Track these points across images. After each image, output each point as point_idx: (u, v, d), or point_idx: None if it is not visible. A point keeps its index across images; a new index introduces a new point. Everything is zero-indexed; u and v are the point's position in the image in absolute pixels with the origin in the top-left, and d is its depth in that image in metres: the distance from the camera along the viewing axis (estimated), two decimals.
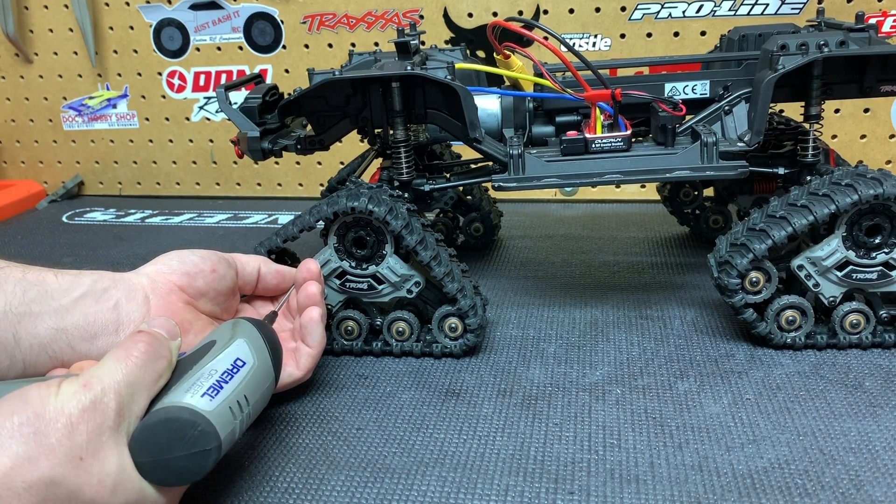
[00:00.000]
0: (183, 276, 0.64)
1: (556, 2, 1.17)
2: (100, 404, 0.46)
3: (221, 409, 0.50)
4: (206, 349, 0.54)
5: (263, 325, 0.59)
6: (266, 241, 0.76)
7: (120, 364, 0.48)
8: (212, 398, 0.50)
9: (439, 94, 0.73)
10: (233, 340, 0.55)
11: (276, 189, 1.38)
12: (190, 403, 0.49)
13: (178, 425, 0.48)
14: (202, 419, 0.48)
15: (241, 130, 0.75)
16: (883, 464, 0.55)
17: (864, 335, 0.70)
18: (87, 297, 0.60)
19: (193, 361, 0.53)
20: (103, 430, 0.45)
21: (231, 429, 0.50)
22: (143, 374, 0.49)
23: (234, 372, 0.52)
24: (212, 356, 0.53)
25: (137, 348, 0.50)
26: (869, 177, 0.67)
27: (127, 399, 0.47)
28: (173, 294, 0.63)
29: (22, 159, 1.47)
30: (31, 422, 0.43)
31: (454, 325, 0.73)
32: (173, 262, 0.65)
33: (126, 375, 0.48)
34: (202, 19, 1.30)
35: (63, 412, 0.44)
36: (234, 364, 0.53)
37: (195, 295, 0.65)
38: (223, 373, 0.52)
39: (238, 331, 0.56)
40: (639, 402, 0.65)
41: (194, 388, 0.50)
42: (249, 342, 0.55)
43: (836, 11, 1.08)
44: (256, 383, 0.54)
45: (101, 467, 0.45)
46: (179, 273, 0.64)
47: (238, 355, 0.54)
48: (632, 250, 1.00)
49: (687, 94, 0.80)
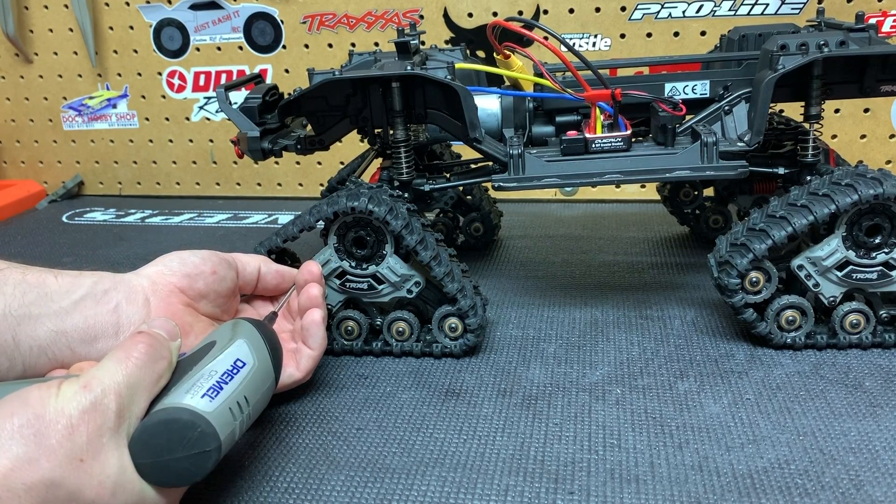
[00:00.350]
0: (183, 278, 0.64)
1: (556, 2, 1.17)
2: (100, 405, 0.46)
3: (221, 410, 0.50)
4: (206, 350, 0.54)
5: (263, 325, 0.59)
6: (266, 241, 0.76)
7: (120, 365, 0.48)
8: (212, 399, 0.50)
9: (439, 94, 0.73)
10: (233, 341, 0.55)
11: (276, 189, 1.38)
12: (190, 404, 0.49)
13: (179, 426, 0.47)
14: (202, 420, 0.48)
15: (241, 130, 0.75)
16: (883, 464, 0.55)
17: (864, 335, 0.70)
18: (87, 300, 0.59)
19: (193, 362, 0.53)
20: (103, 431, 0.45)
21: (231, 430, 0.50)
22: (144, 375, 0.49)
23: (234, 373, 0.52)
24: (212, 357, 0.53)
25: (137, 349, 0.49)
26: (869, 177, 0.67)
27: (127, 400, 0.47)
28: (174, 296, 0.63)
29: (22, 159, 1.47)
30: (31, 423, 0.43)
31: (454, 325, 0.73)
32: (174, 264, 0.65)
33: (126, 376, 0.48)
34: (202, 19, 1.30)
35: (63, 413, 0.44)
36: (234, 365, 0.53)
37: (195, 297, 0.65)
38: (223, 373, 0.52)
39: (238, 331, 0.56)
40: (639, 402, 0.65)
41: (194, 389, 0.50)
42: (249, 343, 0.55)
43: (836, 11, 1.08)
44: (256, 384, 0.54)
45: (102, 469, 0.45)
46: (180, 275, 0.64)
47: (238, 356, 0.54)
48: (632, 250, 1.00)
49: (687, 94, 0.80)
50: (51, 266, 0.61)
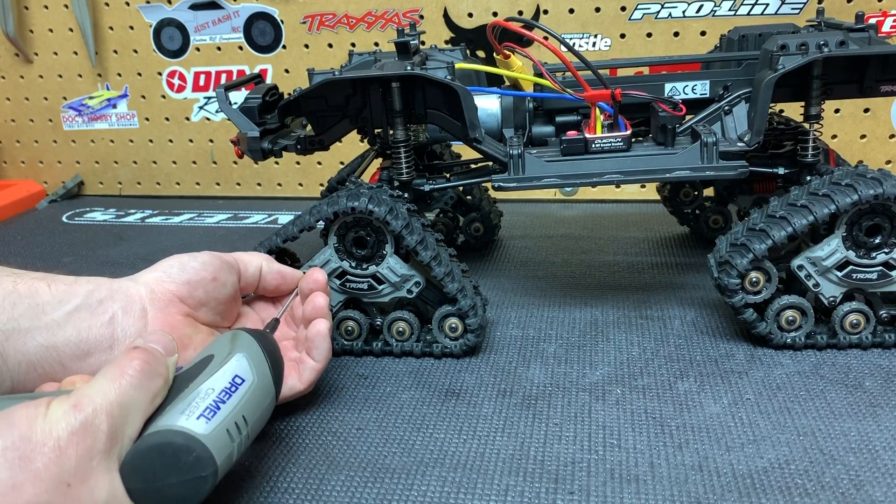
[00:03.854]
0: (183, 286, 0.61)
1: (556, 2, 1.17)
2: (90, 426, 0.43)
3: (218, 433, 0.48)
4: (203, 364, 0.52)
5: (264, 336, 0.57)
6: (266, 241, 0.76)
7: (113, 383, 0.46)
8: (208, 420, 0.47)
9: (439, 94, 0.73)
10: (231, 355, 0.52)
11: (276, 189, 1.38)
12: (185, 427, 0.46)
13: (173, 451, 0.45)
14: (197, 444, 0.46)
15: (241, 130, 0.75)
16: (883, 464, 0.55)
17: (864, 335, 0.70)
18: (82, 310, 0.57)
19: (190, 378, 0.50)
20: (93, 454, 0.43)
21: (228, 452, 0.48)
22: (138, 394, 0.46)
23: (233, 391, 0.50)
24: (209, 373, 0.50)
25: (132, 366, 0.47)
26: (869, 177, 0.67)
27: (120, 421, 0.45)
28: (172, 306, 0.61)
29: (22, 159, 1.47)
30: (16, 446, 0.41)
31: (454, 325, 0.73)
32: (173, 270, 0.62)
33: (119, 395, 0.45)
34: (202, 19, 1.30)
35: (51, 435, 0.42)
36: (232, 382, 0.50)
37: (195, 305, 0.62)
38: (221, 392, 0.49)
39: (237, 344, 0.54)
40: (639, 402, 0.65)
41: (190, 410, 0.47)
42: (249, 357, 0.53)
43: (836, 11, 1.08)
44: (256, 402, 0.52)
45: (91, 494, 0.42)
46: (180, 282, 0.61)
47: (237, 372, 0.51)
48: (632, 250, 1.00)
49: (687, 94, 0.80)
50: (50, 266, 0.61)
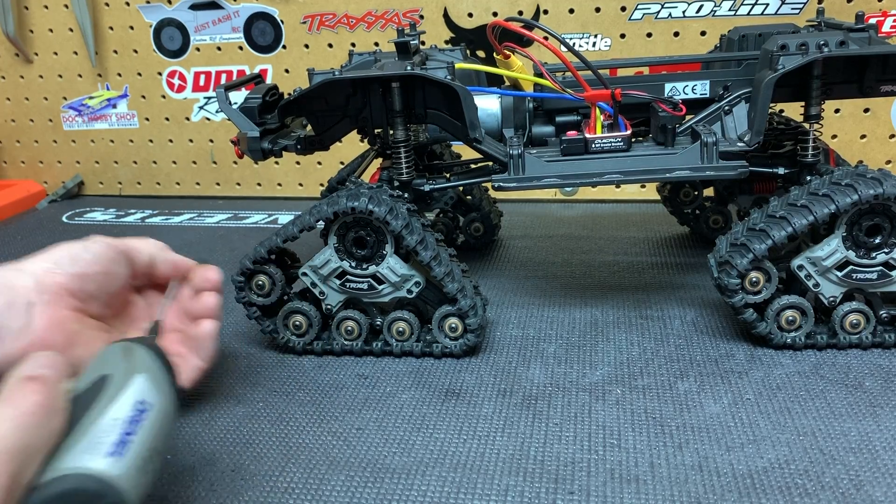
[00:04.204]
0: (73, 278, 0.56)
1: (556, 2, 1.17)
2: None
3: (131, 471, 0.42)
4: (99, 387, 0.45)
5: (160, 350, 0.51)
6: (266, 241, 0.75)
7: (9, 424, 0.39)
8: (119, 457, 0.42)
9: (439, 94, 0.73)
10: (131, 376, 0.46)
11: (276, 189, 1.38)
12: (94, 469, 0.41)
13: (83, 499, 0.40)
14: (110, 489, 0.40)
15: (241, 130, 0.75)
16: (883, 464, 0.55)
17: (864, 335, 0.70)
18: None
19: (87, 405, 0.44)
20: None
21: (143, 491, 0.43)
22: (40, 433, 0.40)
23: (140, 419, 0.44)
24: (109, 399, 0.44)
25: (30, 402, 0.40)
26: (869, 177, 0.67)
27: (20, 468, 0.38)
28: (61, 300, 0.55)
29: (22, 159, 1.47)
30: None
31: (454, 325, 0.73)
32: (64, 261, 0.57)
33: (19, 439, 0.38)
34: (202, 19, 1.30)
35: None
36: (136, 409, 0.45)
37: (85, 299, 0.57)
38: (127, 422, 0.44)
39: (135, 363, 0.48)
40: (639, 402, 0.65)
41: (95, 447, 0.41)
42: (150, 377, 0.47)
43: (836, 11, 1.08)
44: (165, 427, 0.47)
45: None
46: (70, 274, 0.56)
47: (141, 397, 0.46)
48: (632, 250, 1.00)
49: (687, 94, 0.80)
50: None
